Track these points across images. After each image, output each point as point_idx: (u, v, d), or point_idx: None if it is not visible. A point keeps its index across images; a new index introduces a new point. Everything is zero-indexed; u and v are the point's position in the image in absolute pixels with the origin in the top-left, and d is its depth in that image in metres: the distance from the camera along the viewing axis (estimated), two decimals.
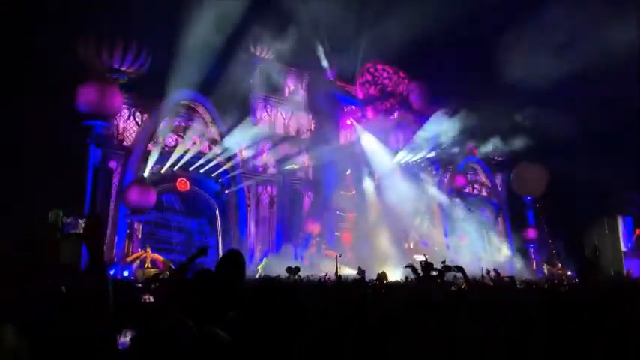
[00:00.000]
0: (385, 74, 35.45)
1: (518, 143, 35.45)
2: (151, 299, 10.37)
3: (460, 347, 3.57)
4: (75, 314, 2.64)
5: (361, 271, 15.39)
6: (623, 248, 38.58)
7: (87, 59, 23.47)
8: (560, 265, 34.08)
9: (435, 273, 5.29)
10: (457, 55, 31.01)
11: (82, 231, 2.83)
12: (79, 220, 18.30)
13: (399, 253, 29.53)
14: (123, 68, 24.13)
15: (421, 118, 36.49)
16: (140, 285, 12.46)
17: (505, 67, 27.58)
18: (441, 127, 35.57)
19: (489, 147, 38.30)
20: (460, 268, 4.85)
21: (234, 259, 3.66)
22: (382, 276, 17.58)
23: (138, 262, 22.94)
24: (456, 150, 37.54)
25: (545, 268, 35.73)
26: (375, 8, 31.25)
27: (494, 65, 28.27)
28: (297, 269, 13.04)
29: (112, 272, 21.83)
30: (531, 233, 38.71)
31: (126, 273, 21.15)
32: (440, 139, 36.38)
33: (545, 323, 4.05)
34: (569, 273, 30.95)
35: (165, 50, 24.34)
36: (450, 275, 6.12)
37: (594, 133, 28.61)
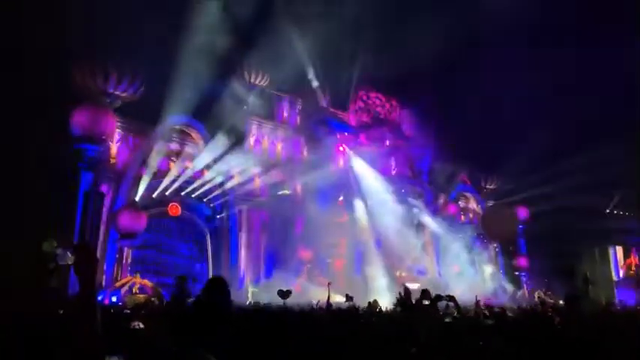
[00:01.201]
0: (378, 102, 35.86)
1: (509, 172, 35.70)
2: (141, 326, 10.21)
3: None
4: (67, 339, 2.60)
5: (349, 298, 15.25)
6: (614, 278, 38.61)
7: (81, 83, 23.57)
8: (551, 294, 33.96)
9: (427, 302, 5.26)
10: (449, 83, 31.43)
11: (72, 262, 2.79)
12: (68, 252, 18.01)
13: (391, 281, 29.40)
14: (117, 92, 24.25)
15: (413, 146, 36.80)
16: (128, 311, 12.26)
17: (493, 96, 27.99)
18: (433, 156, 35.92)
19: (481, 175, 38.62)
20: (452, 298, 4.82)
21: (218, 286, 3.65)
22: (373, 305, 17.45)
23: (126, 287, 22.61)
24: (448, 178, 37.78)
25: (536, 297, 35.58)
26: (368, 37, 31.79)
27: (484, 94, 28.66)
28: (289, 292, 12.86)
29: (99, 298, 21.50)
30: (523, 261, 38.68)
31: (114, 299, 20.82)
32: (431, 167, 36.74)
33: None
34: (560, 302, 30.81)
35: (159, 75, 24.51)
36: (442, 304, 6.08)
37: (585, 160, 28.90)
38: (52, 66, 21.19)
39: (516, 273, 38.64)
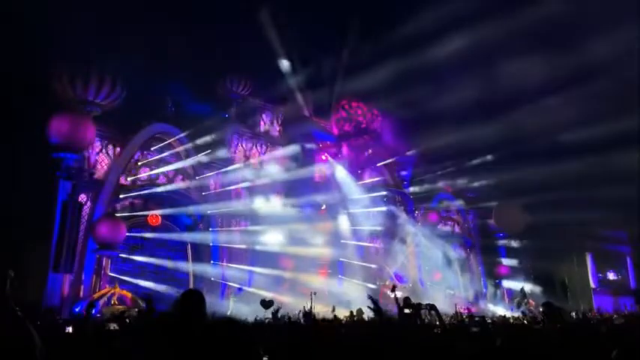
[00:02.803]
0: (359, 111, 36.02)
1: (489, 181, 36.18)
2: (116, 327, 10.12)
3: None
4: None
5: (332, 309, 15.26)
6: (592, 285, 39.22)
7: (60, 91, 23.26)
8: (532, 301, 34.36)
9: (408, 311, 5.28)
10: (428, 91, 31.68)
11: None
12: None
13: (375, 290, 29.45)
14: (97, 101, 23.96)
15: (395, 155, 37.06)
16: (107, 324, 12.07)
17: (473, 106, 28.32)
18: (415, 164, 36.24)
19: (461, 183, 39.03)
20: (432, 307, 4.83)
21: (190, 299, 3.66)
22: (357, 313, 17.49)
23: (105, 298, 22.25)
24: (429, 186, 38.10)
25: (516, 304, 35.97)
26: (351, 45, 32.08)
27: (465, 104, 28.95)
28: (272, 302, 12.81)
29: (77, 309, 21.09)
30: (504, 269, 39.09)
31: (92, 310, 20.40)
32: (413, 175, 37.08)
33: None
34: (541, 309, 31.19)
35: (140, 83, 24.32)
36: (422, 313, 6.08)
37: (563, 169, 29.36)
38: (31, 72, 20.90)
39: (497, 280, 39.00)
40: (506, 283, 38.96)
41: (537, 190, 31.08)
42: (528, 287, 36.62)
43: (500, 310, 31.75)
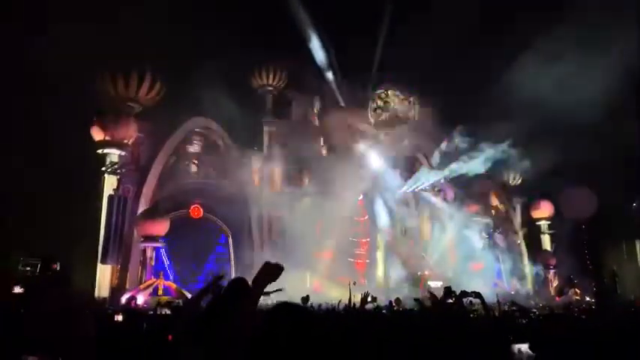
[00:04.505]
0: (397, 100, 35.59)
1: (532, 169, 35.10)
2: (167, 312, 10.48)
3: None
4: None
5: (373, 298, 15.15)
6: None
7: (103, 89, 23.97)
8: (578, 290, 33.40)
9: (451, 301, 5.20)
10: (470, 79, 30.96)
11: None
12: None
13: (414, 280, 29.29)
14: (138, 97, 24.59)
15: (433, 143, 36.50)
16: (152, 312, 12.45)
17: (521, 90, 27.36)
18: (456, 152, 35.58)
19: (505, 172, 38.10)
20: (478, 294, 4.73)
21: (238, 286, 3.72)
22: (397, 302, 17.45)
23: (150, 289, 22.90)
24: (470, 175, 37.36)
25: (562, 293, 35.02)
26: (387, 34, 31.66)
27: (509, 89, 28.07)
28: (308, 298, 13.01)
29: (123, 300, 21.79)
30: (548, 258, 38.08)
31: (139, 300, 21.08)
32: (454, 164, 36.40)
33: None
34: (587, 299, 30.31)
35: (179, 78, 24.81)
36: (465, 301, 5.97)
37: (612, 158, 28.24)
38: (75, 72, 21.56)
39: (542, 269, 38.04)
40: (551, 273, 38.00)
41: (583, 178, 30.10)
42: (575, 276, 35.55)
43: (544, 300, 31.02)
